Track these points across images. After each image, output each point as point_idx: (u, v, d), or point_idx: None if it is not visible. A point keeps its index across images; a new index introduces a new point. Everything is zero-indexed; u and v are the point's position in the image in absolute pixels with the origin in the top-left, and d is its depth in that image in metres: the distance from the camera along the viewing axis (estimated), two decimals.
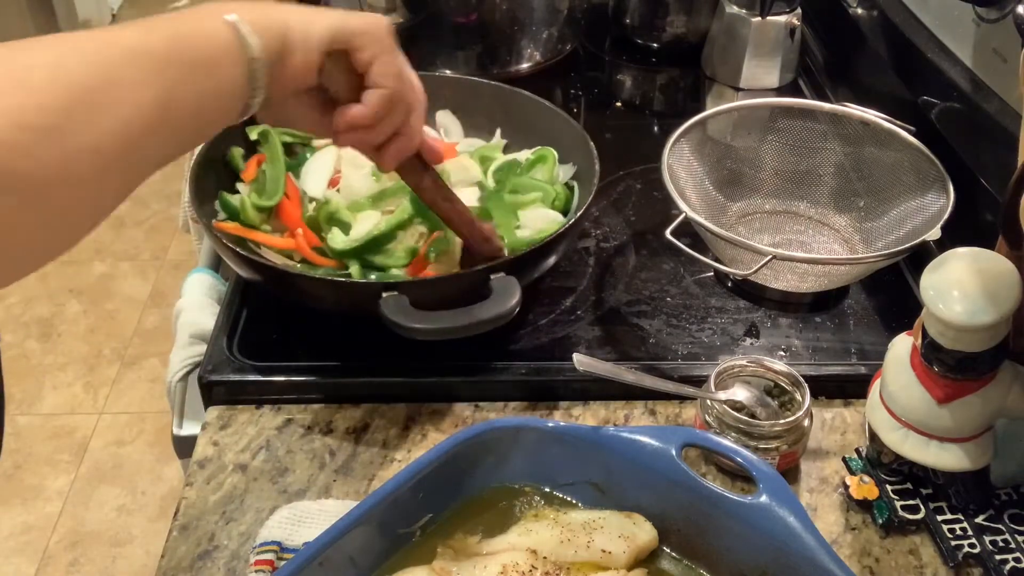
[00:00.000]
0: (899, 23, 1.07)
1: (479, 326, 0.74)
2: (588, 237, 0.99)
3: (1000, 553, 0.68)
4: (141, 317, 2.39)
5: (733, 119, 1.03)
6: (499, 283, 0.77)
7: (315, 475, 0.74)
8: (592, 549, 0.62)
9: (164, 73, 0.53)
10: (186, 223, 1.21)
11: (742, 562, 0.61)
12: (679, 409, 0.81)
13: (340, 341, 0.85)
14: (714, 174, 0.98)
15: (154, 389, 2.19)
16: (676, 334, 0.87)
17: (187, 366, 0.87)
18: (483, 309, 0.75)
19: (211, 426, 0.79)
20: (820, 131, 0.98)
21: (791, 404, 0.76)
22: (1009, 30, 0.80)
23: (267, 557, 0.66)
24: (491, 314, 0.75)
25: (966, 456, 0.69)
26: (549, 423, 0.67)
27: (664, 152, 0.90)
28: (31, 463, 2.02)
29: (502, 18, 1.23)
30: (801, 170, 0.99)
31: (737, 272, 0.82)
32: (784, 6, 1.21)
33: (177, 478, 1.90)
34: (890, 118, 0.93)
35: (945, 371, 0.66)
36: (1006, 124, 0.84)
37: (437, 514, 0.64)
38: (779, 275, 0.87)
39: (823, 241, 0.97)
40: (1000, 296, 0.63)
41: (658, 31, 1.34)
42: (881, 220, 0.94)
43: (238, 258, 0.80)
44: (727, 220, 0.97)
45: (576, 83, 1.30)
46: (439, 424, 0.79)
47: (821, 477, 0.75)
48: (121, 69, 0.51)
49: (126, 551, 1.87)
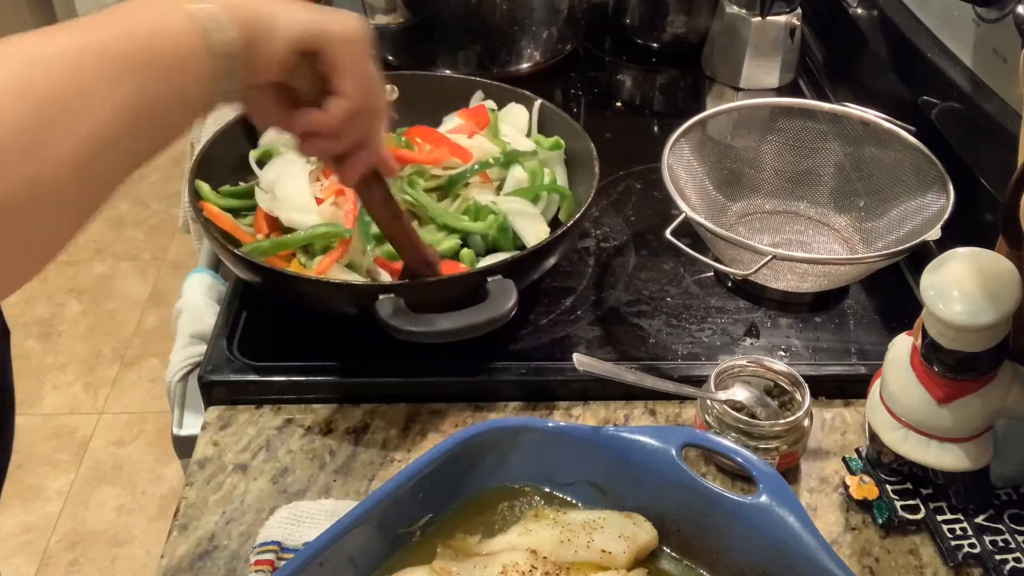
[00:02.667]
0: (899, 23, 1.07)
1: (473, 329, 0.74)
2: (588, 237, 0.99)
3: (1000, 553, 0.68)
4: (141, 317, 2.39)
5: (733, 119, 1.03)
6: (496, 286, 0.77)
7: (315, 475, 0.74)
8: (592, 549, 0.62)
9: (132, 75, 0.50)
10: (186, 223, 1.22)
11: (742, 562, 0.61)
12: (679, 409, 0.81)
13: (340, 341, 0.84)
14: (714, 174, 0.98)
15: (154, 389, 2.19)
16: (676, 334, 0.87)
17: (187, 366, 0.87)
18: (478, 312, 0.75)
19: (211, 426, 0.79)
20: (820, 131, 0.98)
21: (791, 404, 0.76)
22: (1009, 30, 0.80)
23: (267, 557, 0.66)
24: (486, 317, 0.74)
25: (966, 456, 0.69)
26: (549, 423, 0.67)
27: (664, 152, 0.90)
28: (31, 463, 2.02)
29: (502, 18, 1.23)
30: (801, 170, 0.99)
31: (737, 272, 0.82)
32: (784, 6, 1.21)
33: (177, 478, 1.90)
34: (890, 118, 0.93)
35: (945, 371, 0.66)
36: (1006, 124, 0.84)
37: (437, 514, 0.64)
38: (779, 275, 0.87)
39: (823, 241, 0.97)
40: (1000, 296, 0.63)
41: (658, 31, 1.34)
42: (881, 220, 0.94)
43: (235, 259, 0.80)
44: (727, 220, 0.97)
45: (576, 83, 1.30)
46: (439, 424, 0.79)
47: (821, 477, 0.76)
48: (87, 74, 0.48)
49: (126, 551, 1.87)
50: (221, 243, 0.82)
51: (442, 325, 0.74)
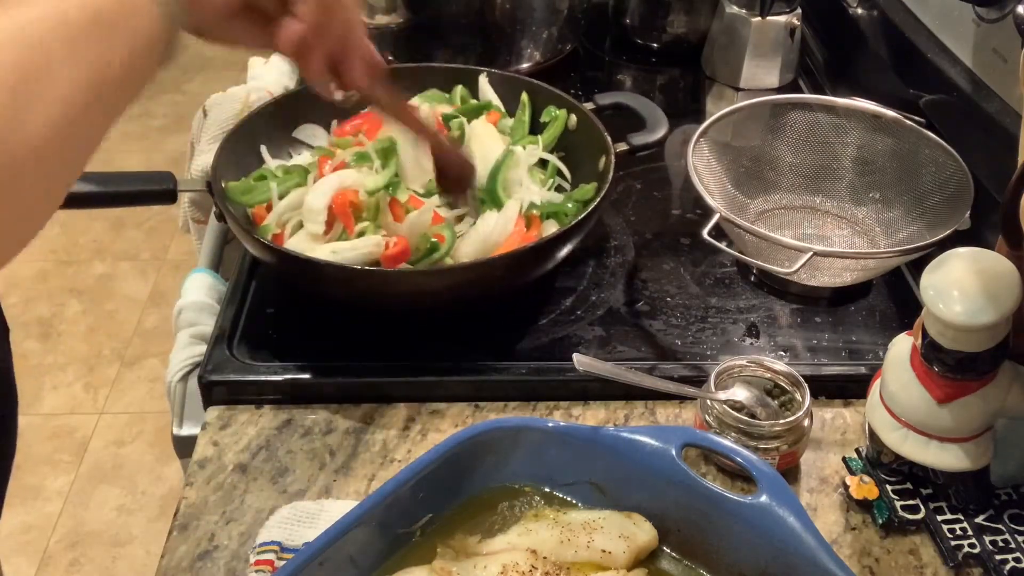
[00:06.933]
0: (899, 23, 1.08)
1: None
2: (588, 237, 0.98)
3: (1000, 553, 0.68)
4: (141, 317, 2.39)
5: (748, 116, 1.02)
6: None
7: (315, 475, 0.74)
8: (592, 549, 0.62)
9: (89, 44, 0.50)
10: (186, 223, 1.21)
11: (742, 562, 0.61)
12: (679, 409, 0.81)
13: (340, 341, 0.85)
14: (731, 172, 0.98)
15: (154, 389, 2.19)
16: (676, 334, 0.87)
17: (187, 366, 0.87)
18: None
19: (211, 426, 0.79)
20: (836, 125, 0.98)
21: (791, 404, 0.76)
22: (1009, 30, 0.80)
23: (267, 557, 0.66)
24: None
25: (966, 456, 0.69)
26: (549, 423, 0.67)
27: (688, 152, 0.90)
28: (31, 463, 2.02)
29: (502, 18, 1.23)
30: (817, 165, 0.99)
31: (779, 270, 0.82)
32: (784, 6, 1.22)
33: (177, 478, 1.90)
34: (906, 114, 0.94)
35: (945, 371, 0.66)
36: (1006, 124, 0.84)
37: (437, 514, 0.64)
38: (814, 273, 0.87)
39: (844, 235, 0.97)
40: (1000, 296, 0.63)
41: (658, 31, 1.34)
42: (900, 211, 0.94)
43: (259, 246, 0.82)
44: (747, 218, 0.97)
45: (576, 83, 1.30)
46: (439, 424, 0.79)
47: (821, 477, 0.75)
48: (52, 46, 0.47)
49: (126, 551, 1.87)
50: (243, 228, 0.83)
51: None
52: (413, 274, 0.83)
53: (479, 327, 0.86)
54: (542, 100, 1.00)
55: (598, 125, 0.94)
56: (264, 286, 0.90)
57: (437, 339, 0.85)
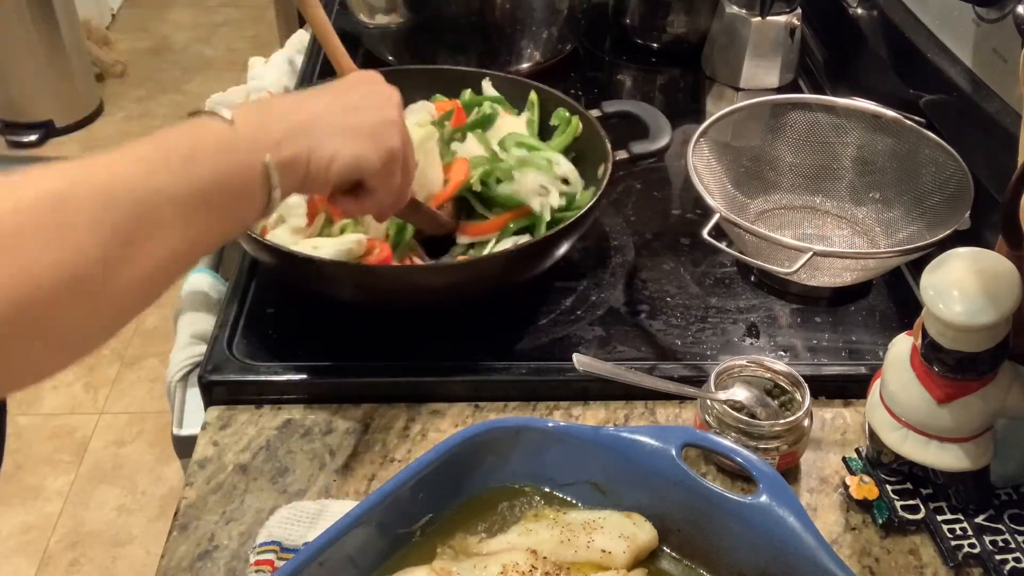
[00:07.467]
0: (899, 23, 1.08)
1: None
2: (588, 237, 0.99)
3: (1000, 553, 0.68)
4: (141, 317, 2.38)
5: (748, 116, 1.02)
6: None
7: (315, 475, 0.74)
8: (592, 549, 0.62)
9: (200, 213, 0.54)
10: None
11: (742, 562, 0.61)
12: (679, 409, 0.81)
13: (340, 341, 0.85)
14: (731, 172, 0.98)
15: (154, 389, 2.19)
16: (676, 334, 0.88)
17: (187, 366, 0.87)
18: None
19: (211, 426, 0.79)
20: (836, 125, 0.98)
21: (791, 404, 0.76)
22: (1009, 30, 0.80)
23: (267, 557, 0.66)
24: None
25: (966, 456, 0.69)
26: (549, 423, 0.67)
27: (688, 152, 0.90)
28: (31, 463, 2.02)
29: (502, 18, 1.23)
30: (816, 165, 0.99)
31: (779, 270, 0.82)
32: (784, 6, 1.22)
33: (177, 478, 1.90)
34: (906, 114, 0.94)
35: (945, 371, 0.66)
36: (1006, 124, 0.84)
37: (437, 514, 0.64)
38: (814, 273, 0.87)
39: (844, 235, 0.97)
40: (1000, 296, 0.63)
41: (658, 31, 1.34)
42: (899, 211, 0.94)
43: (255, 244, 0.82)
44: (746, 218, 0.97)
45: (576, 83, 1.30)
46: (439, 424, 0.79)
47: (821, 477, 0.76)
48: (159, 214, 0.51)
49: (126, 551, 1.87)
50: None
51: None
52: (410, 270, 0.83)
53: (479, 327, 0.86)
54: (548, 103, 1.00)
55: (600, 132, 0.93)
56: (264, 286, 0.90)
57: (437, 339, 0.85)
